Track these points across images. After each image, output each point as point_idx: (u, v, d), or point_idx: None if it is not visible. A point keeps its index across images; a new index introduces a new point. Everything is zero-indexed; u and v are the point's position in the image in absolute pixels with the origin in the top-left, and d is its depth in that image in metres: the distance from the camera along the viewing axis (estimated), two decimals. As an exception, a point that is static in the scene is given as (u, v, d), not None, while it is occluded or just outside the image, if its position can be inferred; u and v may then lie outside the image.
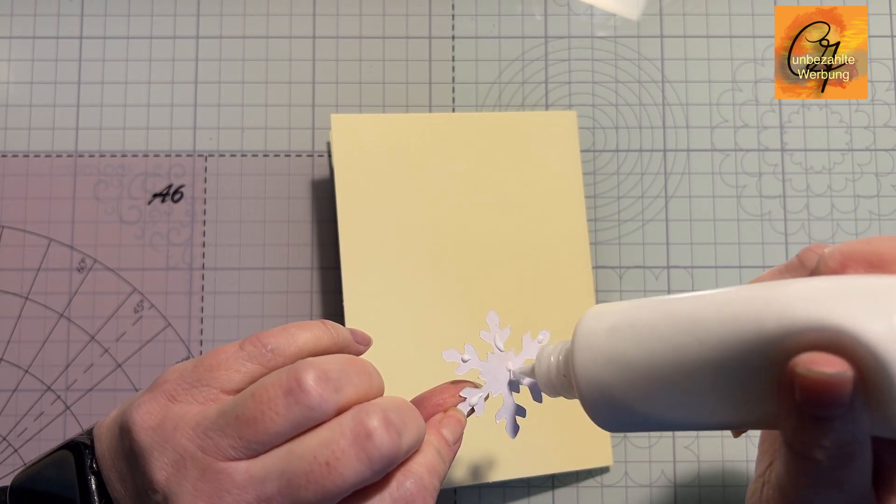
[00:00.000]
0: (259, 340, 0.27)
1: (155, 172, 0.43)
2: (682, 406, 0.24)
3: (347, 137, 0.41)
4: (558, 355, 0.28)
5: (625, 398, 0.25)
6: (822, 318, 0.21)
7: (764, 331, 0.21)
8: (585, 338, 0.26)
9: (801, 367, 0.21)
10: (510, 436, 0.32)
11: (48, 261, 0.42)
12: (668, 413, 0.25)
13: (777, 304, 0.21)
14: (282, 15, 0.44)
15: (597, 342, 0.25)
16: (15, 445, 0.41)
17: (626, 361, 0.24)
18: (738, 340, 0.22)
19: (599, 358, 0.25)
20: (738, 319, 0.22)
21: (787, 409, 0.22)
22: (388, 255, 0.41)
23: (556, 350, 0.29)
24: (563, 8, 0.45)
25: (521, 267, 0.41)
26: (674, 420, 0.25)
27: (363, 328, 0.39)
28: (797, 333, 0.21)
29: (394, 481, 0.26)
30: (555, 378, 0.28)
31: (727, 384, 0.23)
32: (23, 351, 0.42)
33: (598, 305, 0.27)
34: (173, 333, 0.42)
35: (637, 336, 0.24)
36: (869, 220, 0.43)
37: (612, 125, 0.44)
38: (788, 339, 0.21)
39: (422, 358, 0.41)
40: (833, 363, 0.20)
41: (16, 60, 0.44)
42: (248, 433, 0.24)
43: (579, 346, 0.26)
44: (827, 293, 0.21)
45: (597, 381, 0.25)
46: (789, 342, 0.21)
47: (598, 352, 0.25)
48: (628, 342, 0.25)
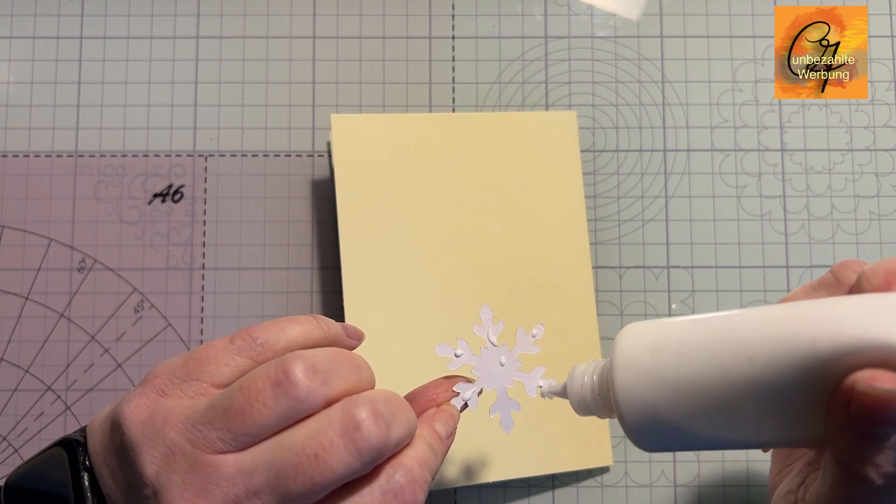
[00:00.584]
0: (249, 334, 0.27)
1: (155, 172, 0.43)
2: (729, 425, 0.24)
3: (347, 137, 0.41)
4: (592, 374, 0.28)
5: (669, 418, 0.24)
6: (879, 336, 0.21)
7: (817, 349, 0.21)
8: (627, 357, 0.25)
9: (861, 384, 0.21)
10: (505, 430, 0.32)
11: (48, 261, 0.42)
12: (713, 432, 0.24)
13: (832, 321, 0.21)
14: (282, 15, 0.44)
15: (639, 361, 0.25)
16: (15, 445, 0.41)
17: (671, 381, 0.24)
18: (791, 358, 0.22)
19: (643, 377, 0.25)
20: (791, 337, 0.22)
21: (840, 427, 0.22)
22: (388, 254, 0.41)
23: (590, 369, 0.28)
24: (563, 8, 0.45)
25: (521, 267, 0.41)
26: (718, 439, 0.25)
27: (363, 328, 0.39)
28: (853, 352, 0.21)
29: (383, 473, 0.25)
30: (589, 398, 0.28)
31: (776, 403, 0.23)
32: (23, 351, 0.42)
33: (633, 324, 0.26)
34: (173, 333, 0.42)
35: (683, 355, 0.24)
36: (869, 220, 0.43)
37: (612, 125, 0.44)
38: (843, 357, 0.21)
39: (423, 357, 0.41)
40: (894, 380, 0.20)
41: (16, 60, 0.44)
42: (237, 425, 0.24)
43: (620, 365, 0.25)
44: (883, 310, 0.21)
45: (640, 401, 0.25)
46: (844, 360, 0.21)
47: (641, 371, 0.25)
48: (673, 361, 0.24)
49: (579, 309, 0.41)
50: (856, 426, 0.21)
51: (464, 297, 0.41)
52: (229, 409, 0.24)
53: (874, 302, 0.22)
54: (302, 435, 0.24)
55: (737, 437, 0.25)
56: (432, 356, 0.34)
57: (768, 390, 0.22)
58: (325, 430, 0.24)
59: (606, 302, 0.43)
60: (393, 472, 0.26)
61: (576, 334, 0.41)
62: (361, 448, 0.24)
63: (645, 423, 0.25)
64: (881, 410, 0.20)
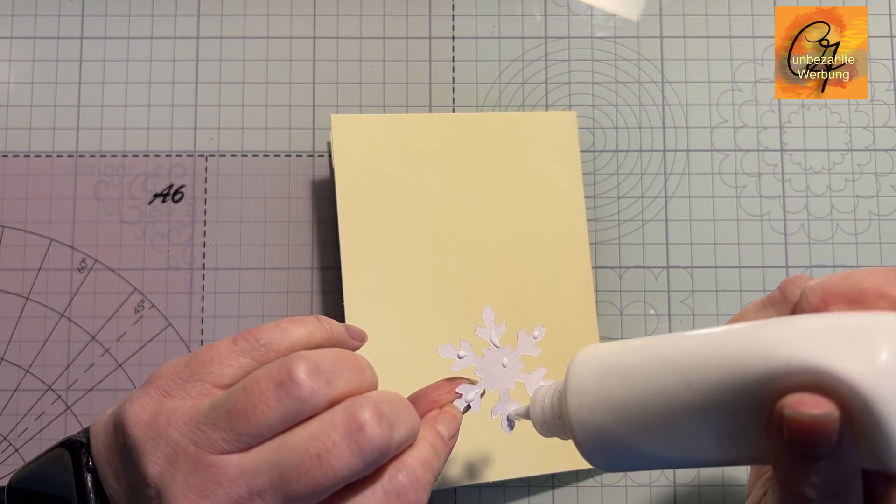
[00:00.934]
0: (252, 335, 0.27)
1: (155, 173, 0.43)
2: (675, 447, 0.24)
3: (347, 137, 0.41)
4: (552, 397, 0.29)
5: (618, 440, 0.25)
6: (805, 359, 0.21)
7: (750, 373, 0.22)
8: (577, 380, 0.26)
9: (788, 410, 0.21)
10: (506, 432, 0.33)
11: (49, 261, 0.43)
12: (662, 453, 0.25)
13: (762, 346, 0.22)
14: (282, 16, 0.44)
15: (588, 385, 0.26)
16: (16, 445, 0.42)
17: (616, 405, 0.25)
18: (726, 383, 0.22)
19: (591, 401, 0.25)
20: (725, 362, 0.22)
21: (776, 448, 0.22)
22: (389, 254, 0.41)
23: (550, 391, 0.29)
24: (562, 8, 0.45)
25: (521, 267, 0.41)
26: (669, 459, 0.25)
27: (364, 327, 0.39)
28: (783, 375, 0.21)
29: (386, 474, 0.25)
30: (549, 419, 0.29)
31: (717, 425, 0.23)
32: (23, 351, 0.42)
33: (588, 348, 0.27)
34: (174, 333, 0.42)
35: (627, 380, 0.25)
36: (868, 221, 0.43)
37: (612, 125, 0.44)
38: (775, 380, 0.21)
39: (423, 357, 0.41)
40: (819, 404, 0.21)
41: (17, 61, 0.44)
42: (240, 426, 0.24)
43: (571, 389, 0.26)
44: (808, 334, 0.22)
45: (589, 424, 0.26)
46: (776, 384, 0.21)
47: (589, 395, 0.26)
48: (619, 386, 0.25)
49: (579, 309, 0.41)
50: (790, 448, 0.22)
51: (464, 296, 0.41)
52: (233, 410, 0.24)
53: (802, 324, 0.22)
54: (305, 435, 0.24)
55: (686, 457, 0.25)
56: (432, 356, 0.34)
57: (708, 413, 0.23)
58: (328, 430, 0.24)
59: (606, 302, 0.43)
60: (396, 473, 0.26)
61: (576, 334, 0.41)
62: (364, 449, 0.24)
63: (597, 444, 0.26)
64: (809, 434, 0.21)
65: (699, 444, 0.24)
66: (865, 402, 0.20)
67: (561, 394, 0.27)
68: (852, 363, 0.20)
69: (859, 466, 0.22)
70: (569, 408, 0.26)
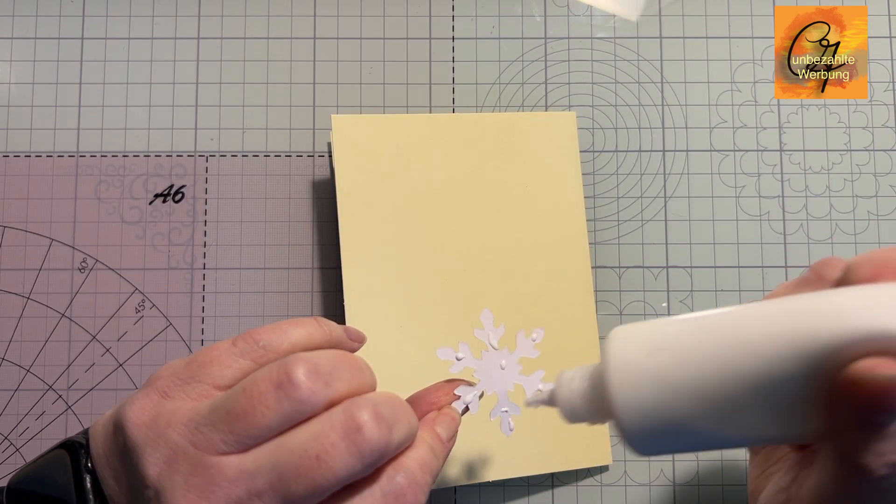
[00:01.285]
0: (251, 337, 0.27)
1: (156, 173, 0.43)
2: (730, 423, 0.24)
3: (348, 138, 0.41)
4: (582, 380, 0.27)
5: (668, 419, 0.24)
6: (879, 325, 0.21)
7: (819, 342, 0.22)
8: (620, 359, 0.25)
9: (862, 373, 0.21)
10: (505, 434, 0.33)
11: (50, 261, 0.43)
12: (714, 431, 0.24)
13: (832, 314, 0.22)
14: (282, 16, 0.44)
15: (634, 364, 0.25)
16: (17, 445, 0.42)
17: (671, 382, 0.24)
18: (794, 352, 0.22)
19: (640, 380, 0.24)
20: (793, 332, 0.22)
21: (843, 419, 0.22)
22: (389, 254, 0.41)
23: (579, 375, 0.28)
24: (562, 9, 0.45)
25: (520, 266, 0.42)
26: (718, 438, 0.25)
27: (364, 328, 0.39)
28: (854, 342, 0.21)
29: (384, 475, 0.26)
30: (579, 404, 0.27)
31: (779, 398, 0.23)
32: (24, 350, 0.42)
33: (623, 327, 0.26)
34: (174, 333, 0.42)
35: (682, 354, 0.24)
36: (867, 221, 0.44)
37: (612, 126, 0.44)
38: (845, 348, 0.21)
39: (422, 357, 0.41)
40: (894, 367, 0.21)
41: (17, 61, 0.44)
42: (239, 427, 0.24)
43: (616, 368, 0.25)
44: (880, 300, 0.22)
45: (638, 404, 0.24)
46: (846, 352, 0.21)
47: (638, 373, 0.24)
48: (672, 361, 0.24)
49: (579, 309, 0.42)
50: (858, 415, 0.21)
51: (464, 296, 0.41)
52: (232, 411, 0.24)
53: (870, 292, 0.22)
54: (304, 436, 0.24)
55: (738, 435, 0.24)
56: (432, 356, 0.34)
57: (771, 386, 0.22)
58: (326, 431, 0.24)
59: (606, 302, 0.43)
60: (394, 474, 0.26)
61: (575, 334, 0.41)
62: (363, 450, 0.24)
63: (643, 426, 0.25)
64: (883, 398, 0.21)
65: (755, 419, 0.23)
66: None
67: (596, 375, 0.26)
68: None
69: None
70: (612, 388, 0.25)
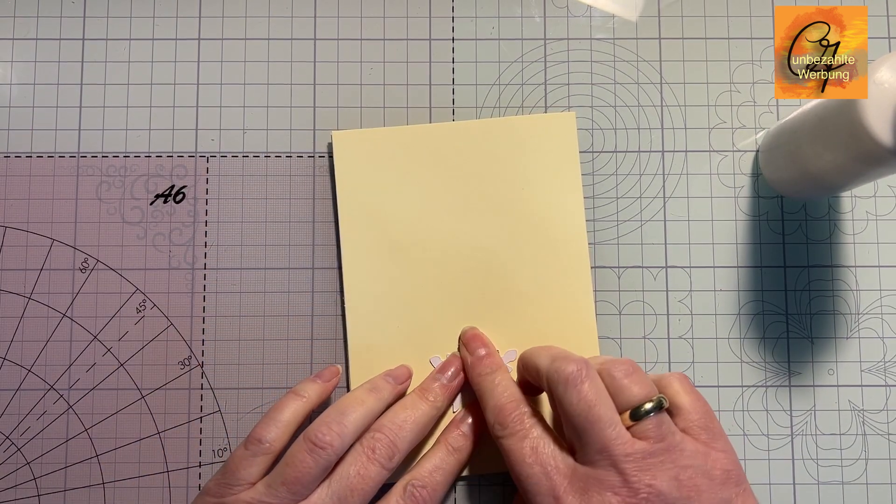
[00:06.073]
0: (255, 438, 0.36)
1: (157, 173, 0.44)
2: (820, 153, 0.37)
3: (348, 152, 0.42)
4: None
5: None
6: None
7: None
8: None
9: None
10: None
11: (51, 261, 0.43)
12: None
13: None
14: (283, 17, 0.45)
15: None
16: (18, 445, 0.42)
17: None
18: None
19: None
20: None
21: None
22: (389, 254, 0.41)
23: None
24: (561, 10, 0.45)
25: (520, 267, 0.42)
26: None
27: (364, 328, 0.40)
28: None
29: (400, 485, 0.37)
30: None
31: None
32: (25, 350, 0.42)
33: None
34: (175, 333, 0.43)
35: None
36: (866, 221, 0.44)
37: (611, 126, 0.44)
38: None
39: (422, 357, 0.41)
40: None
41: (18, 62, 0.44)
42: (297, 488, 0.34)
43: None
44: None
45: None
46: None
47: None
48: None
49: (578, 309, 0.42)
50: None
51: (463, 297, 0.41)
52: (286, 481, 0.34)
53: None
54: (346, 466, 0.36)
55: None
56: (431, 356, 0.35)
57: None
58: (358, 457, 0.36)
59: (605, 301, 0.43)
60: (408, 482, 0.37)
61: (575, 334, 0.41)
62: (382, 461, 0.36)
63: None
64: None
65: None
66: None
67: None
68: None
69: None
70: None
